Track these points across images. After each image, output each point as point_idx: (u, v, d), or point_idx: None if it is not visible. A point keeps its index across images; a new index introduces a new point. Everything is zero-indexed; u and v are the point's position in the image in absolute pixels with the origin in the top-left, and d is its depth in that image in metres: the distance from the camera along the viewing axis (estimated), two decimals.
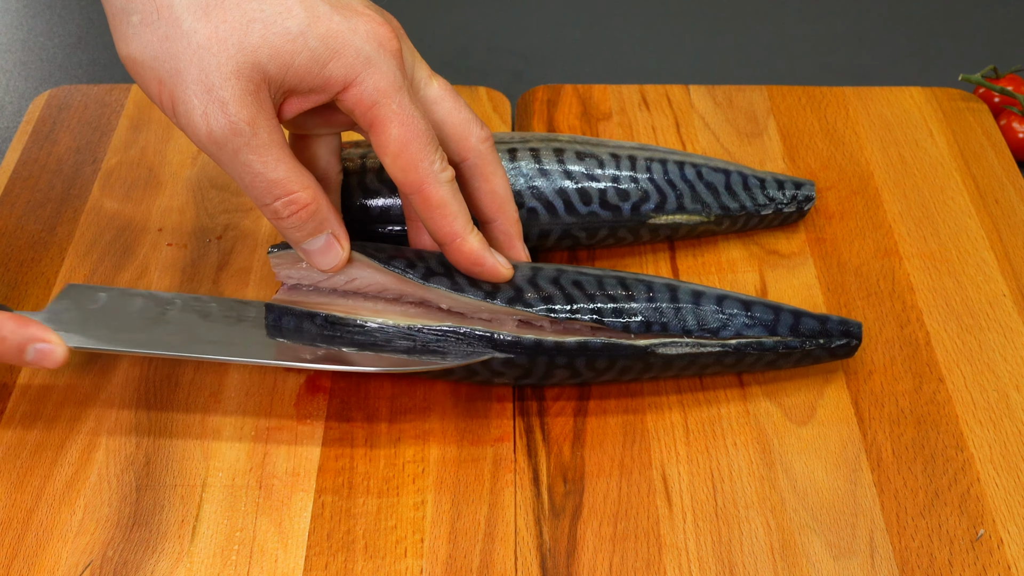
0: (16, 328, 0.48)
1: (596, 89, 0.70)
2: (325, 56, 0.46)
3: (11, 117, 0.72)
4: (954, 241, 0.61)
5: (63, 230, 0.61)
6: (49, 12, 0.81)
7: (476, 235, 0.50)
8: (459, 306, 0.50)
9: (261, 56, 0.45)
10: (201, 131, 0.45)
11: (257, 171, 0.46)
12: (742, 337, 0.52)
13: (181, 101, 0.46)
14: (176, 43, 0.45)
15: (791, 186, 0.61)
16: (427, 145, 0.48)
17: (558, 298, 0.51)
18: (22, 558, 0.46)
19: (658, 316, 0.51)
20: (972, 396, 0.53)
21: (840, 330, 0.53)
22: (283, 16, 0.45)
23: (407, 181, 0.48)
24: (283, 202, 0.47)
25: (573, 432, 0.52)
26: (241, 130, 0.45)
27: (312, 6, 0.46)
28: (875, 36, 0.80)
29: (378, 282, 0.51)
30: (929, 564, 0.47)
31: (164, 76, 0.46)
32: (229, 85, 0.45)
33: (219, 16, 0.45)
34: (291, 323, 0.51)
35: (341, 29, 0.46)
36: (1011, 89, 0.69)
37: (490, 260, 0.50)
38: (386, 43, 0.47)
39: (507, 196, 0.53)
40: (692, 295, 0.52)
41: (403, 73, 0.47)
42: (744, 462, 0.51)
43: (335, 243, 0.50)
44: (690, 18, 0.82)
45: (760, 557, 0.47)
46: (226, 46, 0.45)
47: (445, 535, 0.48)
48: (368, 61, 0.46)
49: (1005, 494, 0.49)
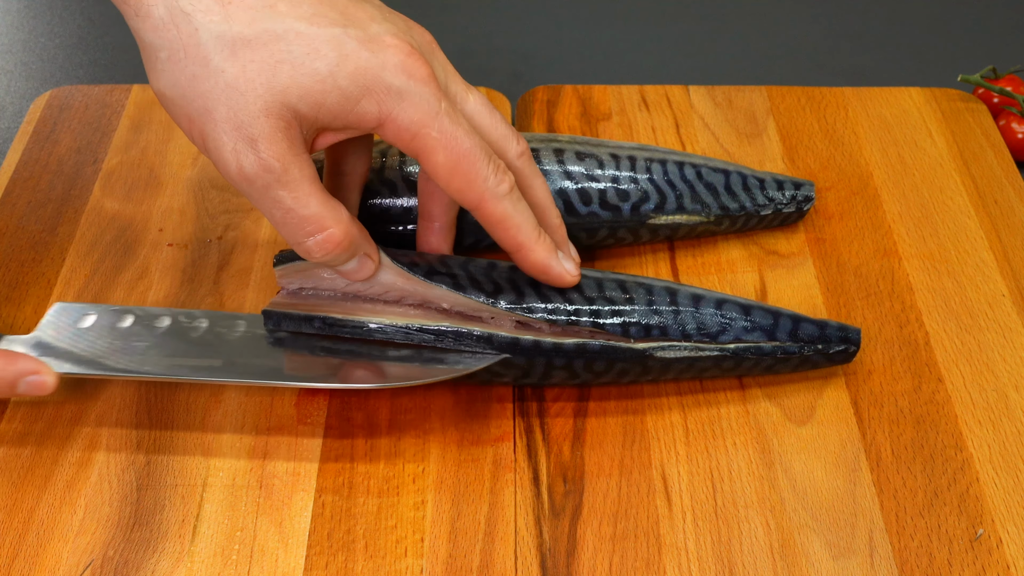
0: (5, 365, 0.48)
1: (596, 89, 0.70)
2: (356, 94, 0.45)
3: (12, 118, 0.72)
4: (953, 241, 0.61)
5: (64, 230, 0.61)
6: (50, 13, 0.81)
7: (542, 243, 0.50)
8: (460, 306, 0.51)
9: (291, 97, 0.45)
10: (232, 168, 0.45)
11: (288, 207, 0.46)
12: (741, 342, 0.52)
13: (211, 138, 0.45)
14: (204, 82, 0.45)
15: (790, 186, 0.61)
16: (477, 162, 0.48)
17: (558, 301, 0.51)
18: (23, 557, 0.47)
19: (657, 320, 0.51)
20: (971, 396, 0.53)
21: (839, 336, 0.53)
22: (311, 57, 0.45)
23: (464, 201, 0.49)
24: (316, 241, 0.47)
25: (573, 432, 0.52)
26: (271, 167, 0.45)
27: (340, 44, 0.45)
28: (874, 37, 0.80)
29: (382, 282, 0.51)
30: (928, 564, 0.47)
31: (193, 114, 0.45)
32: (258, 123, 0.45)
33: (247, 56, 0.45)
34: (289, 327, 0.51)
35: (370, 65, 0.46)
36: (1010, 90, 0.69)
37: (556, 268, 0.51)
38: (416, 72, 0.46)
39: (548, 204, 0.53)
40: (691, 299, 0.52)
41: (438, 97, 0.47)
42: (743, 462, 0.51)
43: (367, 261, 0.50)
44: (690, 19, 0.82)
45: (759, 556, 0.47)
46: (254, 85, 0.45)
47: (445, 535, 0.48)
48: (400, 95, 0.46)
49: (1004, 494, 0.49)
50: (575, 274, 0.51)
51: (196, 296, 0.57)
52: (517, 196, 0.49)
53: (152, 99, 0.69)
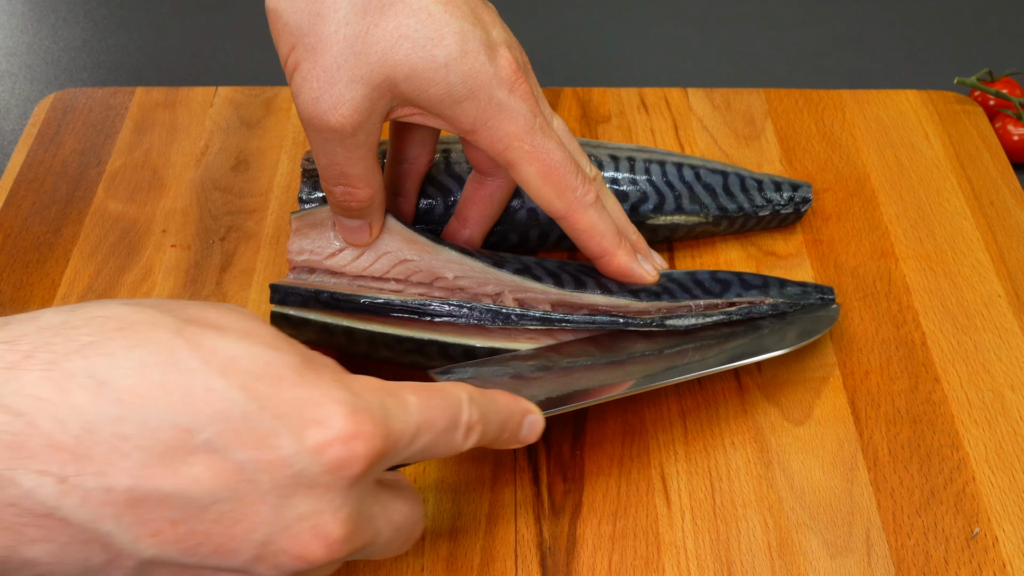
0: (513, 401, 0.42)
1: (595, 92, 0.71)
2: (461, 94, 0.46)
3: (16, 120, 0.72)
4: (950, 243, 0.62)
5: (68, 232, 0.61)
6: (54, 16, 0.82)
7: (624, 248, 0.52)
8: (465, 272, 0.51)
9: (399, 73, 0.45)
10: (305, 109, 0.46)
11: (337, 161, 0.47)
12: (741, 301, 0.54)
13: (303, 74, 0.45)
14: (325, 23, 0.45)
15: (788, 188, 0.61)
16: (566, 175, 0.49)
17: (564, 276, 0.52)
18: None
19: (663, 290, 0.53)
20: (967, 396, 0.54)
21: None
22: (434, 42, 0.45)
23: (553, 209, 0.50)
24: (343, 190, 0.49)
25: (573, 431, 0.52)
26: (342, 128, 0.46)
27: (464, 39, 0.46)
28: (871, 40, 0.80)
29: (387, 247, 0.51)
30: (925, 562, 0.47)
31: (299, 45, 0.46)
32: (354, 88, 0.45)
33: (375, 19, 0.45)
34: (296, 301, 0.51)
35: (484, 71, 0.46)
36: (1006, 92, 0.70)
37: (638, 271, 0.53)
38: (518, 87, 0.47)
39: (625, 222, 0.54)
40: (687, 274, 0.55)
41: (535, 113, 0.48)
42: (742, 461, 0.51)
43: (367, 229, 0.51)
44: (689, 22, 0.82)
45: (757, 555, 0.48)
46: (370, 51, 0.45)
47: (446, 533, 0.48)
48: (500, 107, 0.47)
49: (1000, 493, 0.50)
50: (654, 274, 0.53)
51: (199, 297, 0.58)
52: (601, 206, 0.51)
53: (155, 101, 0.69)
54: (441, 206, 0.57)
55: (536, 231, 0.58)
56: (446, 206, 0.56)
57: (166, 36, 0.80)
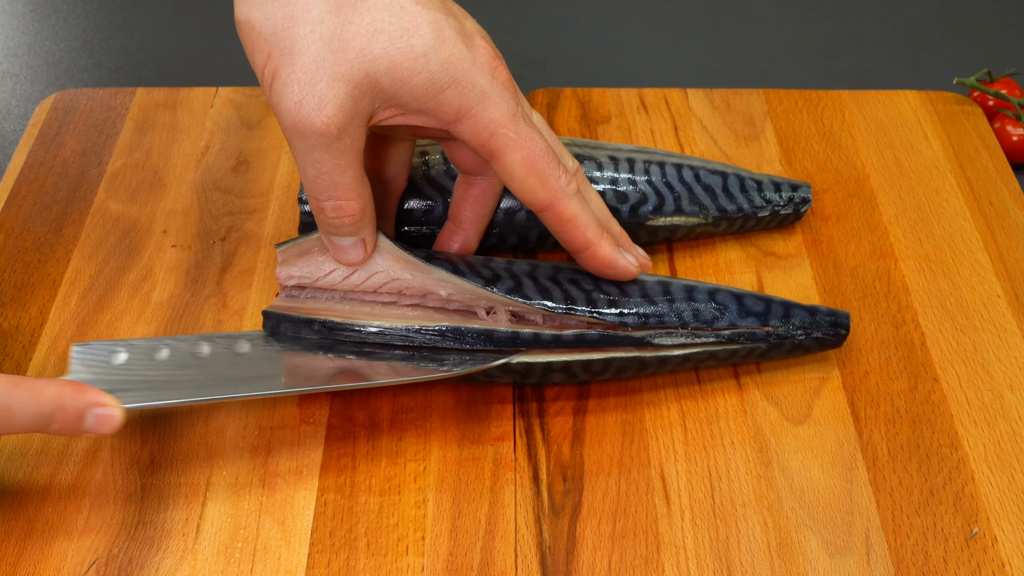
0: (75, 394, 0.45)
1: (595, 92, 0.71)
2: (443, 82, 0.46)
3: (17, 120, 0.72)
4: (949, 243, 0.62)
5: (69, 232, 0.61)
6: (55, 16, 0.82)
7: (607, 240, 0.51)
8: (458, 293, 0.51)
9: (379, 67, 0.45)
10: (289, 116, 0.46)
11: (325, 170, 0.47)
12: (735, 328, 0.52)
13: (282, 80, 0.45)
14: (299, 26, 0.45)
15: (788, 188, 0.62)
16: (550, 163, 0.49)
17: (555, 291, 0.51)
18: (28, 556, 0.47)
19: (653, 310, 0.52)
20: (967, 396, 0.54)
21: (829, 320, 0.54)
22: (410, 33, 0.45)
23: (536, 201, 0.49)
24: (333, 204, 0.48)
25: (572, 431, 0.52)
26: (327, 131, 0.46)
27: (440, 29, 0.46)
28: (871, 40, 0.80)
29: (379, 266, 0.51)
30: (924, 562, 0.48)
31: (275, 52, 0.45)
32: (336, 85, 0.45)
33: (348, 16, 0.45)
34: (288, 330, 0.51)
35: (463, 58, 0.46)
36: (1005, 92, 0.70)
37: (621, 262, 0.52)
38: (498, 74, 0.47)
39: (607, 215, 0.54)
40: (685, 290, 0.53)
41: (517, 101, 0.48)
42: (741, 461, 0.51)
43: (361, 246, 0.51)
44: (688, 22, 0.82)
45: (757, 555, 0.48)
46: (348, 47, 0.45)
47: (446, 533, 0.48)
48: (483, 94, 0.47)
49: (999, 493, 0.50)
50: (636, 265, 0.53)
51: (199, 297, 0.58)
52: (583, 197, 0.51)
53: (156, 102, 0.69)
54: (426, 209, 0.57)
55: (536, 232, 0.58)
56: (439, 210, 0.57)
57: (167, 37, 0.80)
